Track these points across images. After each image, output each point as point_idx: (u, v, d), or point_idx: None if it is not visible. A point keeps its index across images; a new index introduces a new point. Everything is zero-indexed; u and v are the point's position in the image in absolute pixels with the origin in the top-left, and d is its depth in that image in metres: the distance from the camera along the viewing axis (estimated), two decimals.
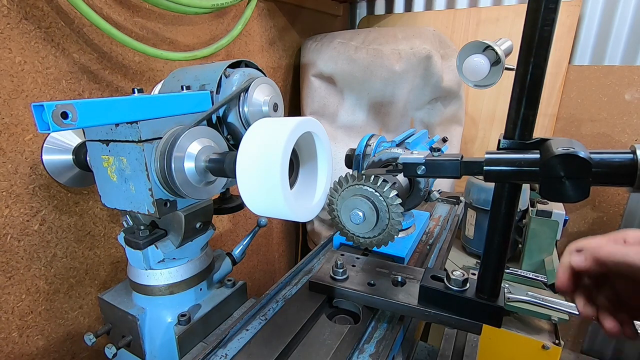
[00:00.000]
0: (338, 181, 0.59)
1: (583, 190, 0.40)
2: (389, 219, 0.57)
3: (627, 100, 1.60)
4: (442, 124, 1.64)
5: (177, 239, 0.67)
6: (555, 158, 0.40)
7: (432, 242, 0.93)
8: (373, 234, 0.59)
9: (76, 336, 0.94)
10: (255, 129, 0.53)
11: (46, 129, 0.42)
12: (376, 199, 0.56)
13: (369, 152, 0.83)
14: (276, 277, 1.80)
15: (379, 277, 0.69)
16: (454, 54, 1.51)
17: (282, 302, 0.69)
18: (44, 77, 0.79)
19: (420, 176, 0.52)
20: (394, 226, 0.57)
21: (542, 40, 0.44)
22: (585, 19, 1.62)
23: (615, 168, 0.40)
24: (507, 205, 0.51)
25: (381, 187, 0.55)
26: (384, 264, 0.74)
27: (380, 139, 0.85)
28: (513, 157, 0.45)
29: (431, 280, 0.61)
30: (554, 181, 0.40)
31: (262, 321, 0.64)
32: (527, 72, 0.45)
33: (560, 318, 1.21)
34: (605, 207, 1.74)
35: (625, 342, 1.86)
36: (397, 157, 0.73)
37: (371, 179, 0.56)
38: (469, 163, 0.48)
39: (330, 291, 0.68)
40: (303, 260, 0.84)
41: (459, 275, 0.58)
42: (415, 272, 0.70)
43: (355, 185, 0.58)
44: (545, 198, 0.42)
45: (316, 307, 0.65)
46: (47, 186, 0.82)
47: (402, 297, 0.63)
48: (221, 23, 1.23)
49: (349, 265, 0.73)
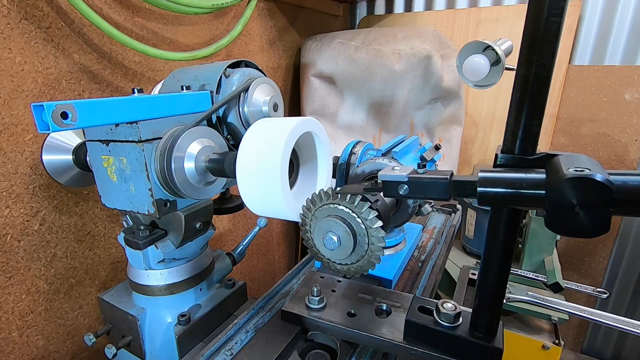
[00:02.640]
0: (311, 199, 0.51)
1: (602, 223, 0.31)
2: (368, 244, 0.48)
3: (627, 100, 1.60)
4: (442, 124, 1.64)
5: (177, 239, 0.67)
6: (566, 182, 0.32)
7: (424, 258, 0.84)
8: (350, 260, 0.51)
9: (76, 336, 0.94)
10: (255, 129, 0.53)
11: (46, 129, 0.42)
12: (353, 221, 0.48)
13: (354, 161, 0.76)
14: (276, 277, 1.80)
15: (361, 304, 0.61)
16: (454, 54, 1.51)
17: (252, 333, 0.61)
18: (44, 77, 0.79)
19: (402, 197, 0.45)
20: (374, 252, 0.49)
21: (549, 34, 0.36)
22: (585, 19, 1.62)
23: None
24: (506, 231, 0.43)
25: (359, 207, 0.47)
26: (368, 289, 0.65)
27: (367, 146, 0.79)
28: (513, 176, 0.37)
29: (418, 313, 0.53)
30: (564, 210, 0.32)
31: (227, 357, 0.56)
32: (529, 74, 0.38)
33: (560, 318, 1.21)
34: None
35: (625, 342, 1.86)
36: (383, 168, 0.63)
37: (347, 198, 0.48)
38: (460, 183, 0.41)
39: (304, 323, 0.60)
40: (281, 281, 0.76)
41: (450, 309, 0.51)
42: (403, 298, 0.63)
43: (329, 204, 0.49)
44: (553, 230, 0.34)
45: (288, 342, 0.57)
46: (47, 186, 0.82)
47: (385, 332, 0.55)
48: (221, 23, 1.23)
49: (328, 289, 0.65)
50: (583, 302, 1.87)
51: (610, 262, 1.80)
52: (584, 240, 1.83)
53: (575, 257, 1.86)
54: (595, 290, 1.31)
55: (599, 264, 1.83)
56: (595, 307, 1.79)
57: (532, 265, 1.36)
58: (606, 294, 1.28)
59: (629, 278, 1.77)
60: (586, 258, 1.85)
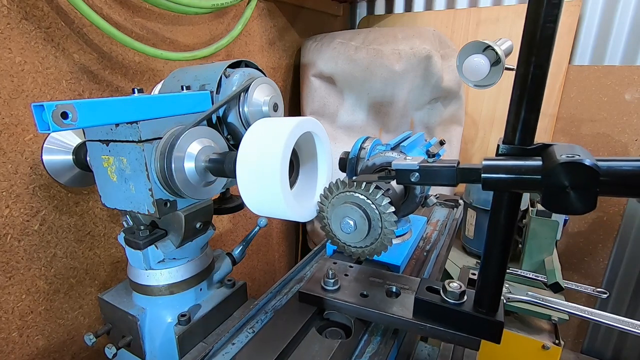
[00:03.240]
0: (328, 187, 0.57)
1: (589, 202, 0.37)
2: (382, 227, 0.54)
3: (627, 100, 1.60)
4: (442, 124, 1.64)
5: (177, 239, 0.67)
6: (559, 166, 0.37)
7: (429, 248, 0.90)
8: (365, 243, 0.57)
9: (76, 336, 0.94)
10: (255, 129, 0.53)
11: (46, 129, 0.42)
12: (368, 207, 0.54)
13: (363, 156, 0.80)
14: (276, 277, 1.80)
15: (373, 287, 0.66)
16: (454, 54, 1.51)
17: (272, 314, 0.66)
18: (44, 77, 0.79)
19: (414, 184, 0.49)
20: (386, 235, 0.54)
21: (545, 38, 0.41)
22: (585, 19, 1.62)
23: (625, 177, 0.36)
24: (507, 214, 0.48)
25: (373, 194, 0.53)
26: (378, 273, 0.70)
27: (375, 141, 0.83)
28: (513, 164, 0.42)
29: (426, 292, 0.58)
30: (557, 191, 0.38)
31: (250, 334, 0.61)
32: (528, 73, 0.43)
33: (560, 318, 1.21)
34: (605, 207, 1.74)
35: (625, 342, 1.86)
36: (392, 161, 0.69)
37: (363, 186, 0.53)
38: (466, 170, 0.46)
39: (320, 303, 0.65)
40: (295, 267, 0.81)
41: (456, 288, 0.56)
42: (411, 281, 0.67)
43: (346, 192, 0.55)
44: (548, 209, 0.39)
45: (306, 320, 0.62)
46: (47, 186, 0.82)
47: (396, 310, 0.60)
48: (221, 23, 1.23)
49: (341, 274, 0.70)
50: (583, 302, 1.87)
51: (610, 262, 1.80)
52: (584, 240, 1.83)
53: (575, 257, 1.86)
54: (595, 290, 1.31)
55: (599, 264, 1.83)
56: (595, 307, 1.79)
57: (532, 265, 1.36)
58: (606, 294, 1.28)
59: (629, 278, 1.77)
60: (586, 258, 1.85)
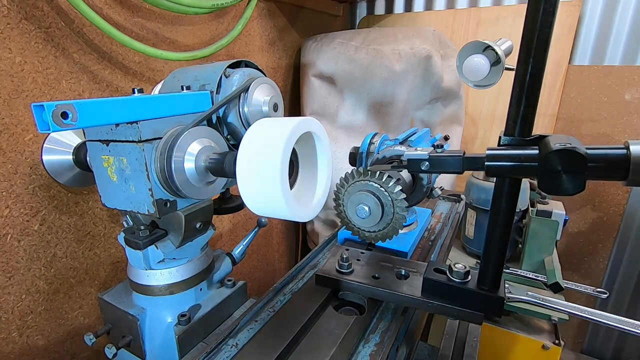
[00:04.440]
0: (344, 177, 0.62)
1: (579, 184, 0.42)
2: (394, 213, 0.59)
3: (627, 100, 1.60)
4: (442, 124, 1.64)
5: (177, 239, 0.67)
6: (553, 153, 0.41)
7: (434, 238, 0.95)
8: (378, 227, 0.62)
9: (76, 336, 0.94)
10: (255, 129, 0.53)
11: (46, 129, 0.42)
12: (381, 194, 0.59)
13: (373, 150, 0.85)
14: (276, 277, 1.80)
15: (383, 270, 0.71)
16: (454, 54, 1.51)
17: (289, 296, 0.72)
18: (44, 77, 0.79)
19: (424, 171, 0.54)
20: (398, 220, 0.59)
21: (541, 41, 0.46)
22: (585, 19, 1.62)
23: (609, 162, 0.41)
24: (508, 200, 0.53)
25: (386, 182, 0.58)
26: (388, 259, 0.76)
27: (384, 137, 0.88)
28: (513, 152, 0.47)
29: (434, 272, 0.63)
30: (551, 175, 0.42)
31: (271, 313, 0.67)
32: (526, 72, 0.47)
33: (560, 318, 1.21)
34: (605, 207, 1.74)
35: (625, 342, 1.86)
36: (401, 154, 0.76)
37: (376, 175, 0.58)
38: (471, 159, 0.51)
39: (336, 284, 0.70)
40: (308, 256, 0.87)
41: (461, 268, 0.61)
42: (418, 266, 0.72)
43: (361, 180, 0.60)
44: (543, 191, 0.44)
45: (323, 299, 0.67)
46: (47, 186, 0.82)
47: (406, 289, 0.65)
48: (221, 23, 1.23)
49: (354, 259, 0.75)
50: (583, 302, 1.87)
51: (610, 262, 1.80)
52: (584, 240, 1.83)
53: (575, 257, 1.86)
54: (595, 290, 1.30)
55: (599, 264, 1.83)
56: (595, 307, 1.79)
57: (532, 265, 1.36)
58: (606, 294, 1.28)
59: (629, 278, 1.77)
60: (586, 258, 1.85)
